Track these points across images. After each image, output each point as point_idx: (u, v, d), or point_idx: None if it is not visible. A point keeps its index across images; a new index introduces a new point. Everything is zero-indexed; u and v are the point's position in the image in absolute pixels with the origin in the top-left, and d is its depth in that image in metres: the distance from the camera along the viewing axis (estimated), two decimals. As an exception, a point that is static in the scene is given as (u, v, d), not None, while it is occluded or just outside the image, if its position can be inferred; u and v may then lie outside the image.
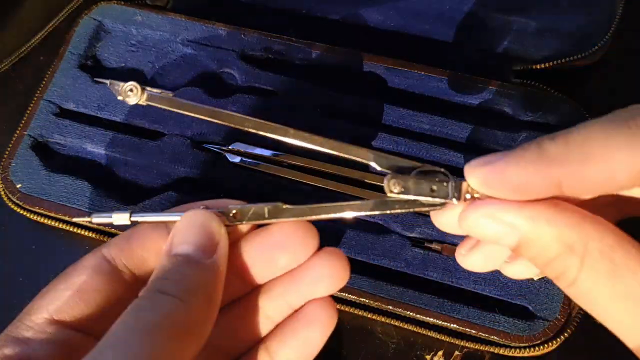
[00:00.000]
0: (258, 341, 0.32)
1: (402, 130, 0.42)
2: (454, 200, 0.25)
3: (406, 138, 0.41)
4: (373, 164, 0.27)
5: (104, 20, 0.46)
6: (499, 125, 0.41)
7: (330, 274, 0.30)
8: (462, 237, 0.28)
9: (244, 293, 0.32)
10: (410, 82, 0.43)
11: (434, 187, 0.25)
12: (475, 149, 0.41)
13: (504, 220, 0.23)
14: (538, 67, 0.43)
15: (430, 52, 0.45)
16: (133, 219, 0.28)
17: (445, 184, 0.25)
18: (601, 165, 0.22)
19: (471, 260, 0.27)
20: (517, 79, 0.43)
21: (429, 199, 0.25)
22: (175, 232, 0.28)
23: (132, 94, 0.28)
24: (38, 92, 0.44)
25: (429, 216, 0.38)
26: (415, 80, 0.43)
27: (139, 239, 0.29)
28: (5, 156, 0.42)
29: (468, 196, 0.25)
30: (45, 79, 0.44)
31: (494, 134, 0.41)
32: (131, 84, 0.28)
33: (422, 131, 0.42)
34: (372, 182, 0.40)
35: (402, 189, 0.25)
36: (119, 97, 0.28)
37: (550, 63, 0.43)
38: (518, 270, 0.28)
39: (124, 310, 0.25)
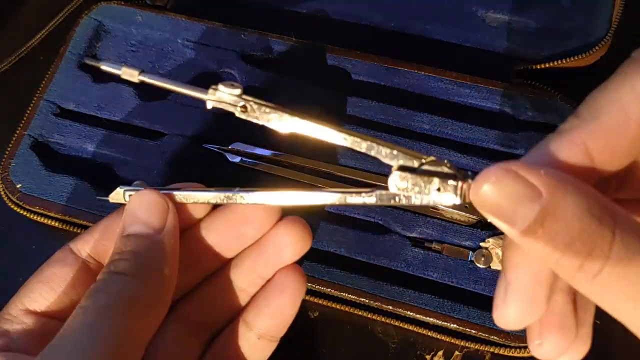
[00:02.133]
0: (236, 314, 0.33)
1: (402, 130, 0.42)
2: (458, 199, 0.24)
3: (406, 138, 0.41)
4: (379, 157, 0.26)
5: (104, 20, 0.46)
6: (499, 125, 0.41)
7: (293, 241, 0.32)
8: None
9: (217, 268, 0.33)
10: (410, 82, 0.43)
11: (440, 189, 0.24)
12: (475, 149, 0.41)
13: (528, 179, 0.21)
14: (538, 67, 0.43)
15: (430, 52, 0.45)
16: (141, 77, 0.29)
17: (452, 182, 0.24)
18: (612, 106, 0.22)
19: (509, 309, 0.23)
20: (517, 79, 0.43)
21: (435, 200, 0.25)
22: (125, 215, 0.29)
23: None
24: (38, 92, 0.44)
25: (429, 216, 0.39)
26: (415, 80, 0.43)
27: (101, 231, 0.31)
28: (5, 156, 0.42)
29: None
30: (45, 79, 0.44)
31: (494, 134, 0.41)
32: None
33: (422, 131, 0.42)
34: (372, 182, 0.40)
35: (407, 188, 0.25)
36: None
37: (550, 63, 0.43)
38: (552, 349, 0.25)
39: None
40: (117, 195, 0.31)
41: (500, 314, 0.24)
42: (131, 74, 0.29)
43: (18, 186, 0.40)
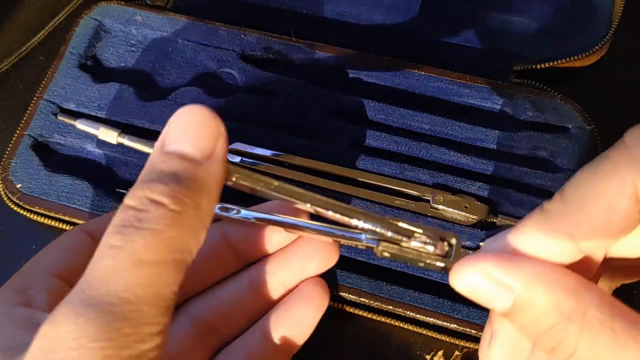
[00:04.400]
0: (251, 322, 0.32)
1: (402, 130, 0.42)
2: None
3: (406, 138, 0.41)
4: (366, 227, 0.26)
5: (104, 20, 0.46)
6: (499, 125, 0.41)
7: (320, 252, 0.31)
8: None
9: (238, 269, 0.33)
10: (410, 82, 0.43)
11: (422, 265, 0.25)
12: (475, 149, 0.41)
13: (499, 280, 0.22)
14: (538, 67, 0.43)
15: (430, 52, 0.45)
16: (120, 139, 0.26)
17: (435, 261, 0.25)
18: (599, 197, 0.22)
19: (492, 356, 0.25)
20: (517, 79, 0.43)
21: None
22: (169, 128, 0.24)
23: None
24: (38, 92, 0.44)
25: (429, 216, 0.39)
26: (415, 80, 0.43)
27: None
28: (5, 156, 0.42)
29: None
30: (45, 79, 0.44)
31: (494, 134, 0.41)
32: None
33: (422, 131, 0.42)
34: (371, 182, 0.40)
35: (393, 259, 0.26)
36: None
37: (550, 63, 0.43)
38: None
39: None
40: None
41: (484, 358, 0.25)
42: (110, 136, 0.26)
43: (18, 186, 0.40)
